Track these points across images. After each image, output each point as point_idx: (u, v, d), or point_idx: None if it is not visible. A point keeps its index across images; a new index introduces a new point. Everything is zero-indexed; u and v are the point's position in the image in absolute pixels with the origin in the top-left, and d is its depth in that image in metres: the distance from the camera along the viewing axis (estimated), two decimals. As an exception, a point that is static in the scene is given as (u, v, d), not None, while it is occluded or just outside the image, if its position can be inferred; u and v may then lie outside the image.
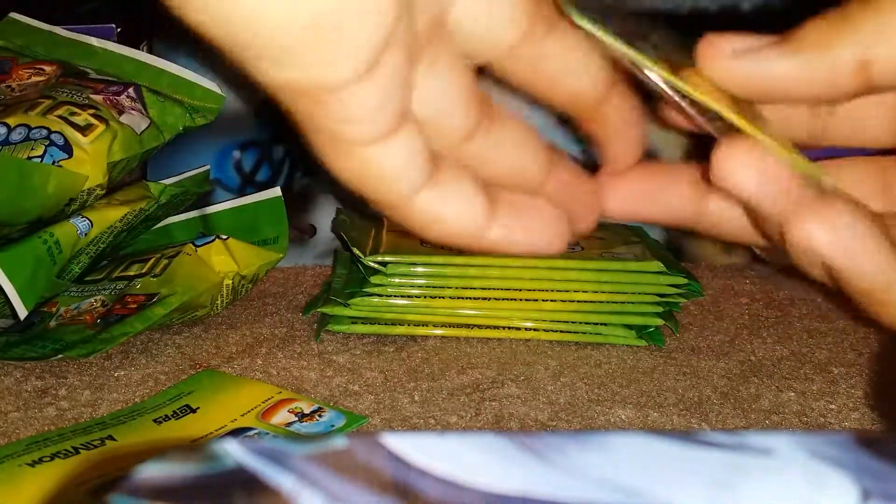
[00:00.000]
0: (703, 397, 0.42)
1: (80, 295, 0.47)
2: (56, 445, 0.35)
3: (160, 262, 0.48)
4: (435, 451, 0.15)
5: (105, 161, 0.48)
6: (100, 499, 0.30)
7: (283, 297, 0.53)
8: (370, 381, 0.43)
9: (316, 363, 0.45)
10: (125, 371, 0.44)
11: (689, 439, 0.16)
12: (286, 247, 0.53)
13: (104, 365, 0.44)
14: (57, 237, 0.44)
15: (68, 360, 0.44)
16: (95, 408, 0.40)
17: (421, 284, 0.47)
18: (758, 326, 0.50)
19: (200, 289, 0.46)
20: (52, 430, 0.37)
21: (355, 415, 0.39)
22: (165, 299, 0.45)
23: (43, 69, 0.54)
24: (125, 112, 0.50)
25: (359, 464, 0.15)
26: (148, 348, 0.46)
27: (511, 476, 0.15)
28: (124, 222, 0.48)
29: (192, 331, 0.48)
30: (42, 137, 0.47)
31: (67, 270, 0.47)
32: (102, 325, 0.44)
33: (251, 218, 0.54)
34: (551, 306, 0.47)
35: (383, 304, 0.47)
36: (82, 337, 0.43)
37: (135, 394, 0.41)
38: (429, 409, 0.41)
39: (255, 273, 0.50)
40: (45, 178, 0.45)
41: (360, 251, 0.47)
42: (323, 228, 0.59)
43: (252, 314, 0.51)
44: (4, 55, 0.55)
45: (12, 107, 0.49)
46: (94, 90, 0.51)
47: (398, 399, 0.42)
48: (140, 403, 0.40)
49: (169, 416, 0.38)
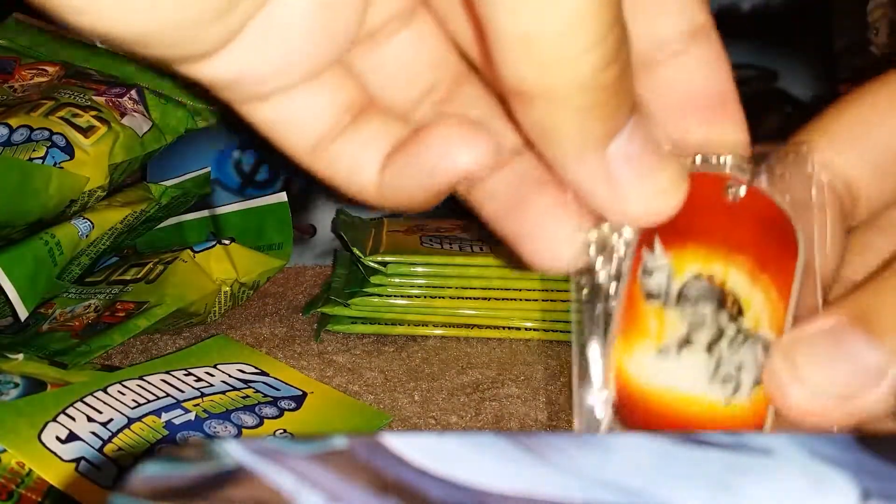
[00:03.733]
0: (703, 397, 0.42)
1: (78, 297, 0.47)
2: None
3: (156, 268, 0.48)
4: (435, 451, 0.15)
5: (106, 163, 0.48)
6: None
7: (283, 297, 0.53)
8: (370, 381, 0.43)
9: (316, 363, 0.45)
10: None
11: (689, 439, 0.16)
12: (290, 253, 0.53)
13: (104, 365, 0.44)
14: (58, 238, 0.44)
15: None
16: (96, 408, 0.40)
17: (421, 284, 0.47)
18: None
19: (191, 298, 0.46)
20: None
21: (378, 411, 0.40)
22: (151, 310, 0.44)
23: (46, 70, 0.54)
24: (127, 114, 0.50)
25: (359, 464, 0.15)
26: (148, 348, 0.46)
27: (511, 476, 0.15)
28: (125, 224, 0.48)
29: (193, 331, 0.48)
30: (44, 139, 0.47)
31: (68, 271, 0.47)
32: (85, 335, 0.44)
33: (258, 222, 0.54)
34: (551, 306, 0.47)
35: (383, 304, 0.47)
36: (64, 346, 0.43)
37: (136, 394, 0.41)
38: (429, 409, 0.41)
39: (256, 280, 0.50)
40: (47, 179, 0.45)
41: (360, 251, 0.47)
42: (323, 228, 0.59)
43: (252, 314, 0.51)
44: (7, 55, 0.55)
45: (15, 108, 0.49)
46: (97, 92, 0.51)
47: (398, 399, 0.42)
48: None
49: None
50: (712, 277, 0.22)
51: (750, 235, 0.22)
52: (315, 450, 0.15)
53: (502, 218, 0.23)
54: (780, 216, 0.23)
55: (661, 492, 0.15)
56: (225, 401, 0.38)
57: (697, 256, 0.22)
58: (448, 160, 0.21)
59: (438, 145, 0.21)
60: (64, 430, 0.34)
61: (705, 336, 0.22)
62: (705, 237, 0.22)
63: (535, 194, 0.22)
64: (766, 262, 0.22)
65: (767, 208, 0.23)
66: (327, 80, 0.23)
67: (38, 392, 0.37)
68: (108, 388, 0.37)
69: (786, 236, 0.23)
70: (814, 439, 0.16)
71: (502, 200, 0.23)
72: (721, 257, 0.22)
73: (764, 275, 0.22)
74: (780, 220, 0.23)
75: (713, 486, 0.15)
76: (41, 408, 0.35)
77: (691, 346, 0.22)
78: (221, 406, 0.38)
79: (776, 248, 0.22)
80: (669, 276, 0.22)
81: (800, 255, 0.22)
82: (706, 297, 0.22)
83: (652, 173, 0.21)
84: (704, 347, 0.21)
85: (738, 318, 0.22)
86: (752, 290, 0.22)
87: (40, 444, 0.33)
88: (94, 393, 0.37)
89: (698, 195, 0.22)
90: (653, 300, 0.22)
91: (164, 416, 0.36)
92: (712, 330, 0.22)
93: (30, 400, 0.36)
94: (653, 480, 0.15)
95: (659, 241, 0.22)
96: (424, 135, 0.22)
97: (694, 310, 0.22)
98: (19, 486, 0.32)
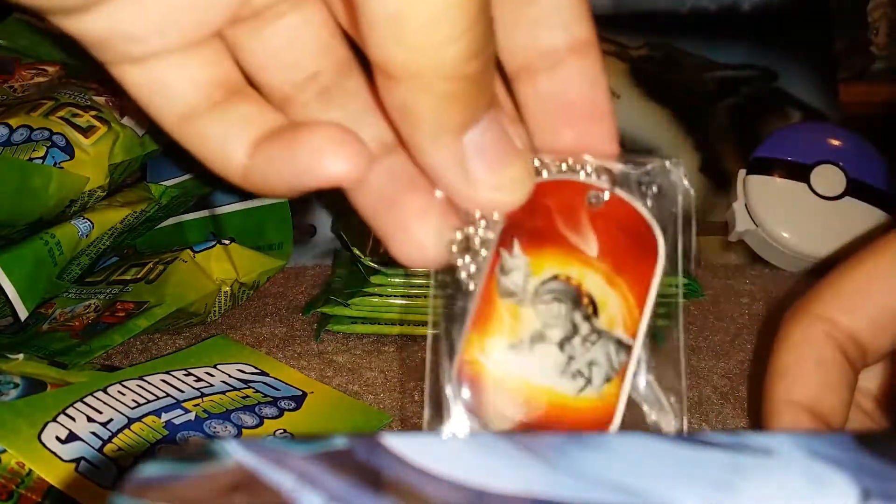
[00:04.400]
0: (703, 397, 0.42)
1: (78, 297, 0.47)
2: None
3: (156, 268, 0.48)
4: (435, 451, 0.15)
5: (106, 163, 0.48)
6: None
7: (283, 297, 0.53)
8: (370, 381, 0.43)
9: (316, 363, 0.45)
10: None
11: (689, 439, 0.16)
12: (289, 253, 0.53)
13: (104, 365, 0.44)
14: (58, 238, 0.44)
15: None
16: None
17: (421, 284, 0.47)
18: (758, 326, 0.50)
19: (191, 298, 0.46)
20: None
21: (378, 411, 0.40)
22: (151, 310, 0.44)
23: (46, 70, 0.54)
24: (127, 114, 0.50)
25: (359, 464, 0.15)
26: (148, 348, 0.46)
27: (511, 476, 0.15)
28: (125, 224, 0.48)
29: (193, 331, 0.48)
30: (44, 139, 0.47)
31: (68, 271, 0.47)
32: (85, 335, 0.44)
33: (258, 221, 0.54)
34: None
35: (383, 304, 0.47)
36: (64, 346, 0.43)
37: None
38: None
39: (256, 280, 0.50)
40: (47, 179, 0.45)
41: (360, 251, 0.47)
42: (323, 228, 0.59)
43: (252, 314, 0.51)
44: (7, 55, 0.55)
45: (15, 107, 0.49)
46: (97, 91, 0.51)
47: (398, 399, 0.42)
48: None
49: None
50: (570, 279, 0.23)
51: (609, 240, 0.23)
52: (315, 450, 0.15)
53: (373, 213, 0.24)
54: (641, 223, 0.24)
55: (661, 492, 0.15)
56: (225, 401, 0.38)
57: (556, 259, 0.23)
58: (318, 165, 0.22)
59: (311, 148, 0.22)
60: (64, 430, 0.34)
61: (558, 333, 0.23)
62: (564, 241, 0.23)
63: (405, 194, 0.23)
64: (623, 266, 0.23)
65: (628, 216, 0.24)
66: (204, 53, 0.23)
67: (38, 392, 0.37)
68: (108, 388, 0.37)
69: (646, 242, 0.24)
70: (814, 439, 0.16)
71: (374, 196, 0.23)
72: (579, 260, 0.23)
73: (621, 277, 0.23)
74: (641, 227, 0.24)
75: (713, 486, 0.15)
76: (41, 408, 0.35)
77: (544, 341, 0.23)
78: (221, 406, 0.38)
79: (635, 253, 0.24)
80: (527, 275, 0.23)
81: (659, 261, 0.24)
82: (562, 297, 0.23)
83: (502, 167, 0.22)
84: (557, 343, 0.23)
85: (592, 317, 0.23)
86: (608, 292, 0.23)
87: (40, 444, 0.33)
88: (94, 393, 0.37)
89: (560, 201, 0.23)
90: (508, 298, 0.23)
91: (164, 417, 0.36)
92: (566, 327, 0.23)
93: (30, 400, 0.36)
94: (653, 480, 0.15)
95: (518, 242, 0.23)
96: (299, 133, 0.22)
97: (548, 308, 0.23)
98: (19, 486, 0.32)
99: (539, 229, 0.23)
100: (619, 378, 0.23)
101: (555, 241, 0.23)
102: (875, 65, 0.72)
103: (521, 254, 0.23)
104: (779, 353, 0.33)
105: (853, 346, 0.32)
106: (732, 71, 0.63)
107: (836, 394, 0.31)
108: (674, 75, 0.62)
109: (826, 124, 0.62)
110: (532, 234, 0.23)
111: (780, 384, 0.32)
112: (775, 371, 0.32)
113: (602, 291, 0.23)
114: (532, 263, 0.23)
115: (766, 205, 0.56)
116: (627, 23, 0.63)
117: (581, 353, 0.23)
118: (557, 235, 0.23)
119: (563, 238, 0.23)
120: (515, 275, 0.23)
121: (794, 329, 0.32)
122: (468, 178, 0.22)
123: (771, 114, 0.62)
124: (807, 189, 0.56)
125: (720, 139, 0.62)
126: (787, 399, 0.31)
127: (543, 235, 0.23)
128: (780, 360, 0.32)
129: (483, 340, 0.22)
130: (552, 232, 0.23)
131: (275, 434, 0.37)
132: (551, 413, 0.22)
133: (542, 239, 0.23)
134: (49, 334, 0.45)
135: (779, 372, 0.32)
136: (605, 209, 0.24)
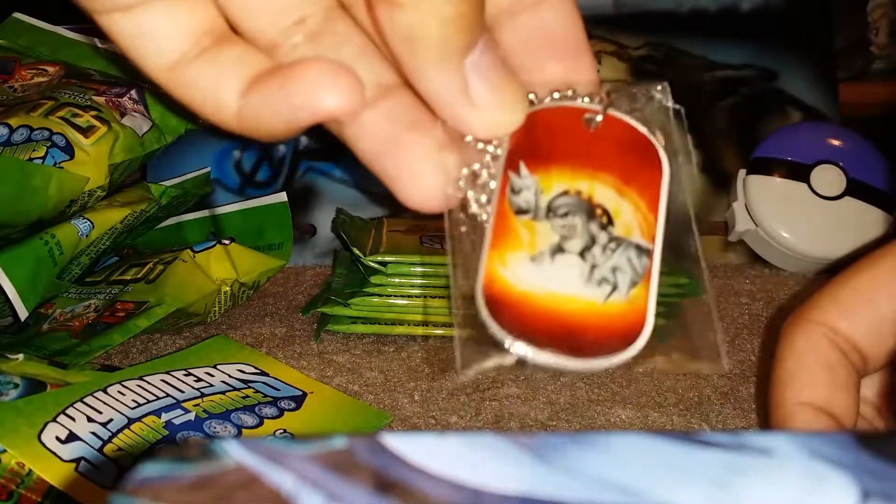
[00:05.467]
0: (703, 397, 0.42)
1: (78, 297, 0.47)
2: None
3: (156, 268, 0.48)
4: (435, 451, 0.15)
5: (106, 163, 0.48)
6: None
7: (283, 297, 0.53)
8: (370, 381, 0.43)
9: (316, 363, 0.45)
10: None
11: (689, 439, 0.16)
12: (289, 253, 0.53)
13: (104, 365, 0.44)
14: (58, 238, 0.44)
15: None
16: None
17: (421, 284, 0.47)
18: (758, 326, 0.50)
19: (191, 298, 0.46)
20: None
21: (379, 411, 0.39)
22: (151, 310, 0.44)
23: (46, 70, 0.54)
24: (127, 114, 0.50)
25: (359, 464, 0.15)
26: (148, 348, 0.46)
27: (511, 476, 0.15)
28: (125, 224, 0.48)
29: (193, 331, 0.48)
30: (44, 139, 0.47)
31: (68, 271, 0.47)
32: (85, 335, 0.44)
33: (257, 222, 0.54)
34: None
35: (383, 304, 0.47)
36: (63, 346, 0.43)
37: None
38: (429, 409, 0.41)
39: (256, 280, 0.50)
40: (47, 179, 0.45)
41: (360, 251, 0.47)
42: (323, 228, 0.59)
43: (252, 314, 0.51)
44: (7, 55, 0.55)
45: (15, 107, 0.49)
46: (97, 91, 0.51)
47: (398, 399, 0.42)
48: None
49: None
50: (580, 192, 0.24)
51: (612, 154, 0.24)
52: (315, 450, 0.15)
53: (375, 158, 0.23)
54: (640, 137, 0.24)
55: (661, 492, 0.15)
56: (225, 401, 0.38)
57: (563, 176, 0.24)
58: (314, 99, 0.22)
59: (306, 82, 0.22)
60: (64, 430, 0.34)
61: (577, 244, 0.23)
62: (568, 160, 0.24)
63: (408, 136, 0.23)
64: (630, 177, 0.24)
65: (626, 131, 0.24)
66: (190, 0, 0.23)
67: (38, 392, 0.37)
68: (108, 388, 0.37)
69: (648, 153, 0.24)
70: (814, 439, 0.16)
71: (375, 140, 0.23)
72: (586, 175, 0.24)
73: (629, 188, 0.24)
74: (640, 140, 0.24)
75: (713, 486, 0.15)
76: (41, 408, 0.35)
77: (564, 252, 0.23)
78: (221, 406, 0.38)
79: (639, 164, 0.24)
80: (537, 193, 0.23)
81: (664, 168, 0.24)
82: (575, 209, 0.23)
83: (501, 86, 0.22)
84: (577, 253, 0.23)
85: (608, 227, 0.23)
86: (619, 202, 0.24)
87: (40, 444, 0.33)
88: (94, 393, 0.37)
89: (557, 126, 0.24)
90: (523, 215, 0.23)
91: (164, 417, 0.36)
92: (584, 238, 0.23)
93: (30, 400, 0.36)
94: (653, 480, 0.15)
95: (524, 164, 0.24)
96: (293, 70, 0.22)
97: (564, 221, 0.23)
98: (19, 487, 0.32)
99: (542, 151, 0.24)
100: (645, 282, 0.23)
101: (559, 160, 0.24)
102: (875, 65, 0.72)
103: (528, 174, 0.23)
104: (783, 361, 0.32)
105: (854, 353, 0.32)
106: (732, 71, 0.63)
107: (846, 393, 0.31)
108: (674, 75, 0.62)
109: (826, 124, 0.62)
110: (536, 157, 0.24)
111: (788, 390, 0.32)
112: (781, 378, 0.32)
113: (614, 202, 0.24)
114: (541, 181, 0.24)
115: (766, 205, 0.56)
116: (627, 23, 0.63)
117: (603, 260, 0.23)
118: (561, 155, 0.24)
119: (566, 156, 0.24)
120: (526, 193, 0.23)
121: (797, 336, 0.32)
122: (472, 101, 0.22)
123: (771, 114, 0.62)
124: (807, 189, 0.56)
125: (720, 139, 0.62)
126: (798, 402, 0.31)
127: (547, 156, 0.24)
128: (784, 367, 0.32)
129: (504, 256, 0.22)
130: (556, 152, 0.24)
131: (275, 434, 0.37)
132: (581, 320, 0.22)
133: (546, 159, 0.24)
134: (49, 334, 0.45)
135: (785, 378, 0.32)
136: (602, 129, 0.24)
